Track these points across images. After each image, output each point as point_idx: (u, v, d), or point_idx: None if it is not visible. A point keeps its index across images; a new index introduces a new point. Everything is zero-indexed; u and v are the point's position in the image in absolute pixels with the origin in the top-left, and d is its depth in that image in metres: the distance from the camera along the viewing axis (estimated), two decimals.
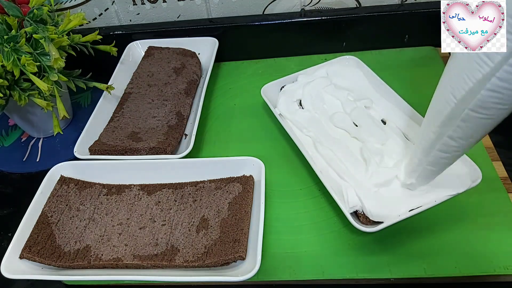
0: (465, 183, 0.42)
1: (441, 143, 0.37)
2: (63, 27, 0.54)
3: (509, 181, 0.48)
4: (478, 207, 0.46)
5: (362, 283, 0.44)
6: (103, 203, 0.49)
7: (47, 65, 0.49)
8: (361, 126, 0.51)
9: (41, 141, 0.63)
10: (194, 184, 0.49)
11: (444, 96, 0.34)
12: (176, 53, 0.67)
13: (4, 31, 0.49)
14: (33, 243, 0.43)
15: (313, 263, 0.43)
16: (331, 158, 0.48)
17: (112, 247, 0.44)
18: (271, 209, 0.48)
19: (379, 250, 0.43)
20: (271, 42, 0.69)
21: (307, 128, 0.52)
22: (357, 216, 0.43)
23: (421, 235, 0.44)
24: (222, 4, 0.68)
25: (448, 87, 0.34)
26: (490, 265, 0.41)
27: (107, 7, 0.69)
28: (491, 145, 0.52)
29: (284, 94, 0.56)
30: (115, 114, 0.59)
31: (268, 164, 0.49)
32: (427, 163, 0.40)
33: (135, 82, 0.64)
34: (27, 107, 0.56)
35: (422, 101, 0.51)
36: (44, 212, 0.47)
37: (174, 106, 0.59)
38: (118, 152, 0.53)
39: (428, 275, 0.41)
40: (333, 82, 0.57)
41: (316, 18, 0.66)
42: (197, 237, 0.44)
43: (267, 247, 0.45)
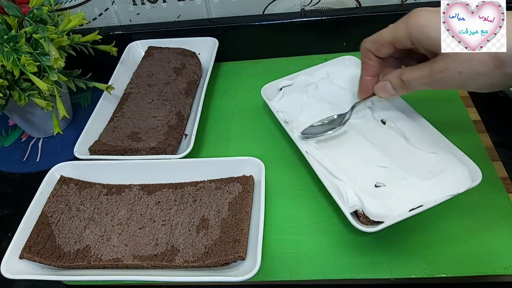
0: (465, 183, 0.42)
1: None
2: (63, 27, 0.54)
3: (509, 181, 0.48)
4: (478, 207, 0.46)
5: (362, 283, 0.44)
6: (103, 203, 0.49)
7: (47, 65, 0.49)
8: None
9: (41, 141, 0.63)
10: (194, 184, 0.49)
11: None
12: (176, 53, 0.67)
13: (4, 31, 0.49)
14: (33, 243, 0.44)
15: (313, 263, 0.43)
16: (331, 158, 0.48)
17: (112, 247, 0.44)
18: (271, 209, 0.48)
19: (379, 250, 0.43)
20: (271, 42, 0.69)
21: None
22: (357, 216, 0.43)
23: (421, 235, 0.44)
24: (222, 4, 0.68)
25: None
26: (490, 265, 0.41)
27: (107, 7, 0.69)
28: (491, 145, 0.52)
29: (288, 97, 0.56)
30: (115, 114, 0.59)
31: (268, 164, 0.49)
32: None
33: (135, 82, 0.64)
34: (27, 107, 0.56)
35: (422, 101, 0.51)
36: (44, 212, 0.47)
37: (174, 106, 0.59)
38: (118, 152, 0.53)
39: (428, 275, 0.41)
40: (333, 82, 0.57)
41: (316, 18, 0.66)
42: (197, 237, 0.44)
43: (267, 247, 0.45)
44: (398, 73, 0.43)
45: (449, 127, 0.50)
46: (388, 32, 0.41)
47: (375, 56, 0.44)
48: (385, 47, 0.42)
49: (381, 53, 0.43)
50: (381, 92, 0.45)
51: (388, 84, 0.44)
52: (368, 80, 0.46)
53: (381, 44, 0.42)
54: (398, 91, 0.44)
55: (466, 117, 0.55)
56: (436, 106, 0.54)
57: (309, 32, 0.68)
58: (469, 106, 0.57)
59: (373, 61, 0.45)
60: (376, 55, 0.44)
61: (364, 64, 0.46)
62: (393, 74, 0.43)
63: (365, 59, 0.45)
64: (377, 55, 0.44)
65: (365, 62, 0.45)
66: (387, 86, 0.44)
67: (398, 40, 0.40)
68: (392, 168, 0.46)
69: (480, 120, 0.55)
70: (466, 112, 0.56)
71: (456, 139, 0.46)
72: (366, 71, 0.46)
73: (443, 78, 0.39)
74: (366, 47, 0.44)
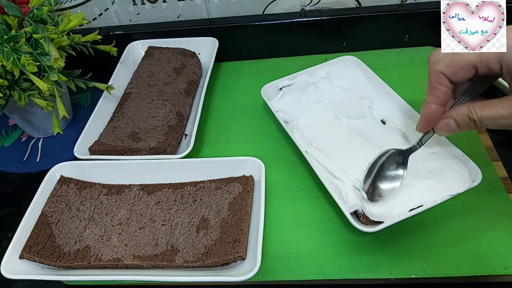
0: (465, 183, 0.42)
1: None
2: (63, 27, 0.54)
3: (509, 181, 0.48)
4: (478, 207, 0.46)
5: (362, 283, 0.44)
6: (103, 203, 0.49)
7: (47, 65, 0.49)
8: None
9: (41, 141, 0.63)
10: (194, 184, 0.49)
11: None
12: (176, 53, 0.67)
13: (4, 31, 0.49)
14: (33, 243, 0.44)
15: (313, 263, 0.43)
16: (331, 158, 0.48)
17: (112, 247, 0.44)
18: (271, 209, 0.48)
19: (379, 250, 0.43)
20: (271, 42, 0.69)
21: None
22: (357, 216, 0.43)
23: (421, 235, 0.44)
24: (222, 4, 0.68)
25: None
26: (490, 265, 0.41)
27: (107, 7, 0.69)
28: (491, 145, 0.52)
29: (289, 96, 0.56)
30: (115, 114, 0.59)
31: (268, 164, 0.49)
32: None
33: (135, 82, 0.64)
34: (27, 107, 0.56)
35: (422, 101, 0.51)
36: (44, 212, 0.47)
37: (174, 106, 0.59)
38: (118, 152, 0.53)
39: (428, 275, 0.41)
40: (333, 82, 0.57)
41: (316, 18, 0.66)
42: (197, 237, 0.44)
43: (267, 247, 0.45)
44: (465, 110, 0.37)
45: None
46: (471, 53, 0.35)
47: (449, 81, 0.37)
48: (465, 69, 0.35)
49: (458, 77, 0.36)
50: (443, 131, 0.40)
51: (452, 121, 0.38)
52: (436, 109, 0.39)
53: (460, 66, 0.35)
54: (462, 130, 0.38)
55: None
56: None
57: (309, 32, 0.68)
58: None
59: (446, 87, 0.37)
60: (451, 79, 0.37)
61: (434, 90, 0.38)
62: (459, 110, 0.37)
63: (436, 84, 0.38)
64: (452, 80, 0.37)
65: (435, 87, 0.38)
66: (451, 124, 0.38)
67: (485, 61, 0.34)
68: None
69: None
70: None
71: (456, 139, 0.47)
72: (435, 99, 0.38)
73: None
74: (439, 70, 0.37)
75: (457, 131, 0.39)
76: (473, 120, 0.36)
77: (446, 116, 0.39)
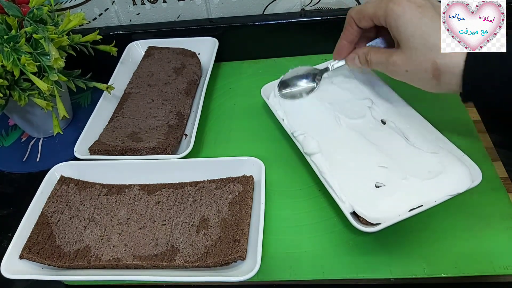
0: (465, 183, 0.42)
1: None
2: (63, 27, 0.54)
3: (509, 181, 0.48)
4: (478, 207, 0.46)
5: (362, 283, 0.44)
6: (103, 203, 0.49)
7: (47, 65, 0.49)
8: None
9: (41, 141, 0.63)
10: (194, 184, 0.49)
11: None
12: (176, 53, 0.67)
13: (4, 31, 0.49)
14: (33, 243, 0.44)
15: (313, 263, 0.43)
16: (330, 157, 0.48)
17: (112, 247, 0.44)
18: (271, 209, 0.48)
19: (379, 250, 0.43)
20: (271, 42, 0.69)
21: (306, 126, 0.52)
22: (357, 216, 0.43)
23: (421, 235, 0.44)
24: (222, 4, 0.68)
25: None
26: (490, 265, 0.41)
27: (107, 7, 0.69)
28: (491, 145, 0.52)
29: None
30: (115, 114, 0.59)
31: (268, 164, 0.49)
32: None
33: (135, 82, 0.64)
34: (27, 107, 0.56)
35: (422, 101, 0.51)
36: (44, 212, 0.47)
37: (174, 106, 0.59)
38: (118, 152, 0.53)
39: (428, 275, 0.41)
40: (333, 83, 0.57)
41: (316, 18, 0.66)
42: (197, 237, 0.44)
43: (267, 247, 0.45)
44: (365, 51, 0.47)
45: (449, 127, 0.50)
46: (372, 7, 0.43)
47: (356, 25, 0.46)
48: (366, 20, 0.44)
49: (362, 24, 0.45)
50: (350, 63, 0.50)
51: (356, 58, 0.48)
52: (345, 45, 0.49)
53: (363, 16, 0.44)
54: (363, 66, 0.48)
55: (466, 117, 0.55)
56: (436, 106, 0.54)
57: (309, 32, 0.68)
58: (469, 106, 0.57)
59: (354, 29, 0.47)
60: (358, 24, 0.46)
61: (345, 30, 0.48)
62: (362, 50, 0.47)
63: (347, 26, 0.47)
64: (358, 25, 0.46)
65: (347, 28, 0.48)
66: (355, 60, 0.48)
67: (377, 18, 0.43)
68: (392, 168, 0.46)
69: (480, 120, 0.55)
70: (466, 112, 0.56)
71: (456, 139, 0.47)
72: (345, 36, 0.49)
73: (393, 71, 0.43)
74: (351, 15, 0.46)
75: (359, 65, 0.48)
76: (366, 61, 0.46)
77: (354, 52, 0.49)
